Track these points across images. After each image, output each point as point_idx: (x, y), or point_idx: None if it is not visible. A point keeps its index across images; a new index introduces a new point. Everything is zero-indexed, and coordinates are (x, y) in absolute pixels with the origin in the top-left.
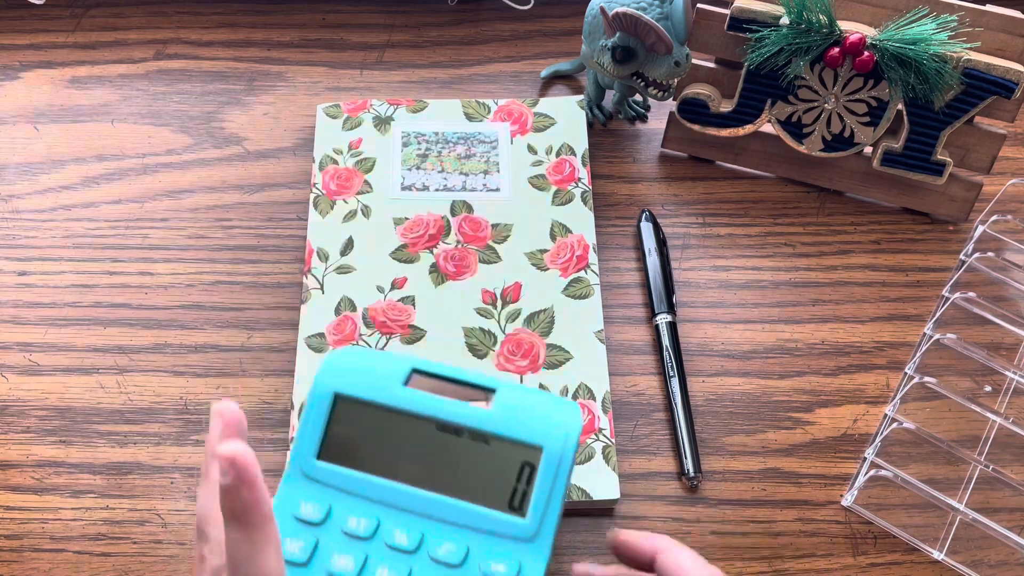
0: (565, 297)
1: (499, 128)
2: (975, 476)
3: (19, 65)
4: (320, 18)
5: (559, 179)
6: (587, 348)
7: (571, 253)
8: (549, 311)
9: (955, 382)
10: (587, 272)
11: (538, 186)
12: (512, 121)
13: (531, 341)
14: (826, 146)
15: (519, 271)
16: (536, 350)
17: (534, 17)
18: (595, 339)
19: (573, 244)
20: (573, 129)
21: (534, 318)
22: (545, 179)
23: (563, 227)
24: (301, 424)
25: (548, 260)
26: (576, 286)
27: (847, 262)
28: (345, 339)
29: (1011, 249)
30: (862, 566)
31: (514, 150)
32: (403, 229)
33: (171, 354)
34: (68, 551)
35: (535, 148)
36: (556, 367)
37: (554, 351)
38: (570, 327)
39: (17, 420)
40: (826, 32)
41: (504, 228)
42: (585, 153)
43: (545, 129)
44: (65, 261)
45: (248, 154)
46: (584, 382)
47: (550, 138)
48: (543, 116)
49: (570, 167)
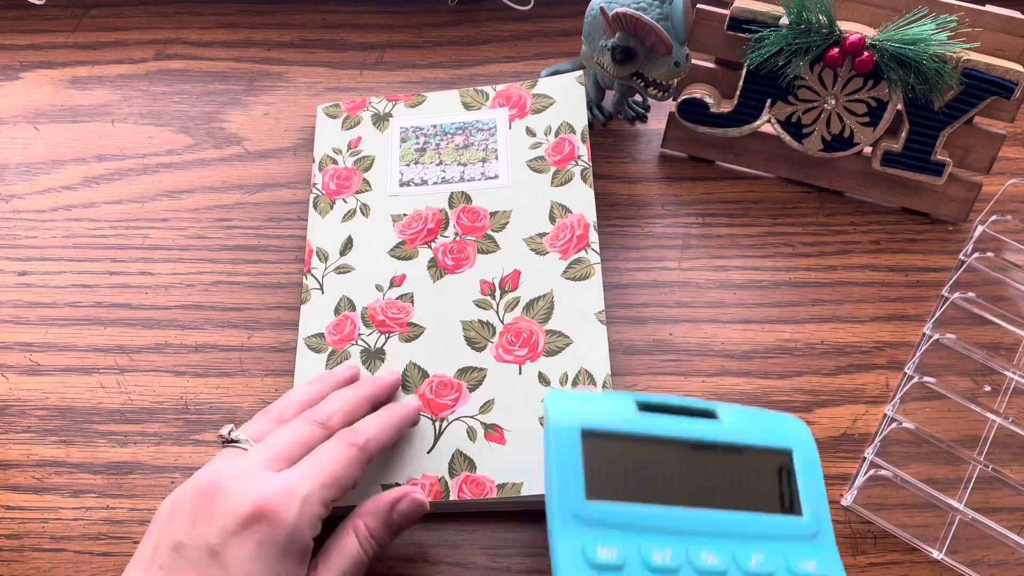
0: (565, 280)
1: (497, 114)
2: (975, 476)
3: (19, 65)
4: (320, 18)
5: (558, 159)
6: (587, 331)
7: (571, 233)
8: (548, 296)
9: (955, 382)
10: (587, 252)
11: (537, 169)
12: (511, 105)
13: (530, 329)
14: (826, 146)
15: (518, 258)
16: (535, 338)
17: (534, 17)
18: (596, 321)
19: (573, 224)
20: (572, 106)
21: (533, 305)
22: (544, 160)
23: (562, 207)
24: (555, 470)
25: (547, 243)
26: (576, 267)
27: (847, 262)
28: (344, 339)
29: (1010, 249)
30: (862, 566)
31: (512, 135)
32: (401, 226)
33: (171, 354)
34: (68, 551)
35: (533, 130)
36: (556, 353)
37: (554, 337)
38: (570, 311)
39: (18, 420)
40: (826, 32)
41: (503, 215)
42: (585, 130)
43: (543, 110)
44: (65, 261)
45: (248, 154)
46: (584, 367)
47: (549, 118)
48: (542, 96)
49: (569, 145)
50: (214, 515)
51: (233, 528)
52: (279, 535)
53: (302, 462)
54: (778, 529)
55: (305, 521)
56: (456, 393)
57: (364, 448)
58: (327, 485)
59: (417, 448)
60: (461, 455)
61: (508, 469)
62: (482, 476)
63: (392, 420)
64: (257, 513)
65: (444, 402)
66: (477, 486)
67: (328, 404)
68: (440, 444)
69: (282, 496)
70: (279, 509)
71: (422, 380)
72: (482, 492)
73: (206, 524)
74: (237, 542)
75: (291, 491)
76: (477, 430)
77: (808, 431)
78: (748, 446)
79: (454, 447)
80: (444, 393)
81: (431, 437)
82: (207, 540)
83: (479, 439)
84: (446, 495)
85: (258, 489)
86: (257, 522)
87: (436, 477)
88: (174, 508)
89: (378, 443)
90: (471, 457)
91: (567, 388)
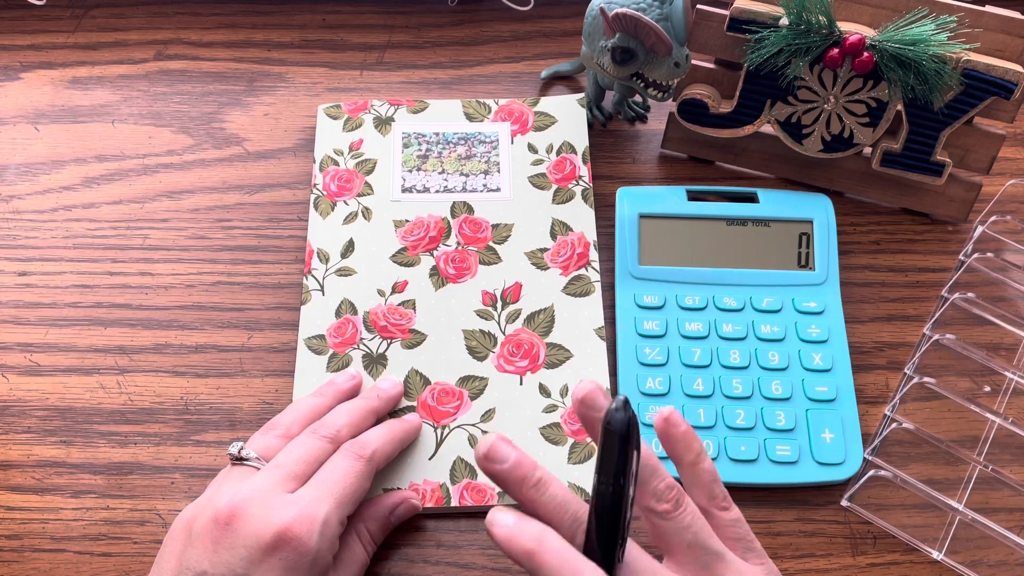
0: (565, 296)
1: (499, 128)
2: (974, 476)
3: (19, 65)
4: (320, 19)
5: (559, 177)
6: (587, 346)
7: (572, 251)
8: (549, 310)
9: (954, 382)
10: (587, 269)
11: (539, 185)
12: (513, 121)
13: (531, 341)
14: (825, 147)
15: (519, 271)
16: (536, 350)
17: (534, 18)
18: (595, 336)
19: (574, 242)
20: (573, 127)
21: (534, 318)
22: (545, 178)
23: (564, 225)
24: (618, 244)
25: (548, 259)
26: (576, 284)
27: (847, 262)
28: (346, 342)
29: (1010, 249)
30: (861, 566)
31: (514, 149)
32: (403, 232)
33: (171, 354)
34: (68, 551)
35: (535, 147)
36: (556, 366)
37: (554, 350)
38: (570, 325)
39: (18, 420)
40: (825, 33)
41: (504, 228)
42: (586, 151)
43: (545, 128)
44: (65, 261)
45: (248, 155)
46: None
47: (550, 137)
48: (543, 115)
49: (571, 165)
50: (236, 543)
51: (258, 556)
52: (304, 560)
53: (314, 479)
54: (792, 279)
55: (326, 543)
56: (458, 401)
57: (371, 460)
58: (342, 503)
59: (419, 454)
60: (462, 462)
61: None
62: (483, 483)
63: (396, 433)
64: (280, 540)
65: (446, 409)
66: (478, 493)
67: (335, 418)
68: (442, 451)
69: (303, 521)
70: (301, 535)
71: (424, 387)
72: (483, 499)
73: (230, 553)
74: (263, 570)
75: (311, 516)
76: (478, 438)
77: (830, 202)
78: (776, 219)
79: (455, 454)
80: (446, 401)
81: (433, 444)
82: (233, 569)
83: None
84: (447, 501)
85: (278, 515)
86: (281, 548)
87: (438, 483)
88: (191, 533)
89: (384, 455)
90: (472, 464)
91: None
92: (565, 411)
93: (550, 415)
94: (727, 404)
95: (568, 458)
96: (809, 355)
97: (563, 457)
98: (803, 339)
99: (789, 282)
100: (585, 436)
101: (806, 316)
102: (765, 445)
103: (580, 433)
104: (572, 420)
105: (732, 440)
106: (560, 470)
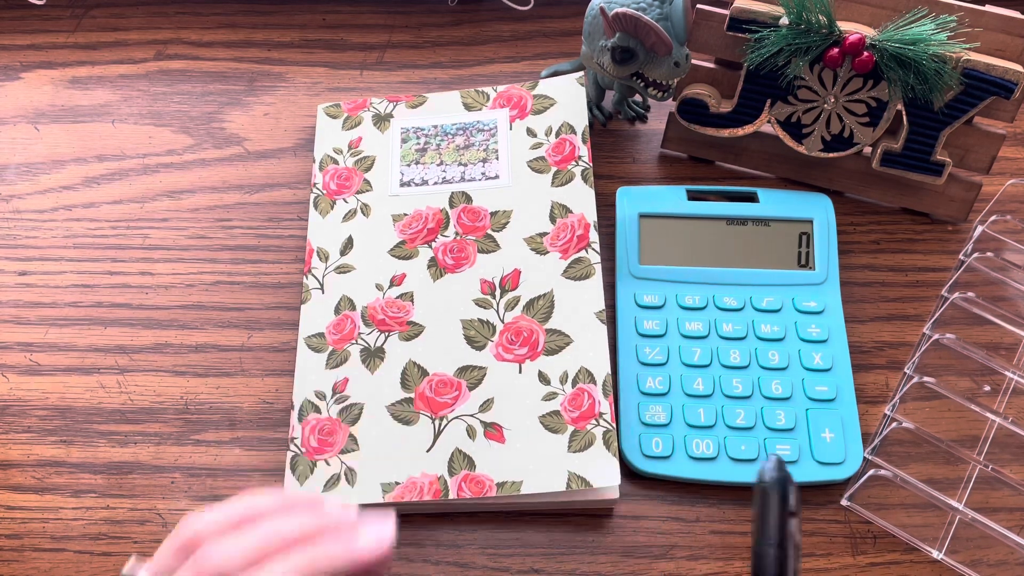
0: (565, 280)
1: (498, 115)
2: (974, 476)
3: (20, 65)
4: (320, 18)
5: (559, 159)
6: (588, 330)
7: (571, 233)
8: (548, 296)
9: (954, 382)
10: (588, 251)
11: (538, 169)
12: (511, 106)
13: (530, 328)
14: (825, 146)
15: (518, 258)
16: (535, 336)
17: (534, 18)
18: (596, 320)
19: (573, 224)
20: (572, 107)
21: (533, 304)
22: (544, 161)
23: (563, 207)
24: (618, 243)
25: (547, 243)
26: (577, 267)
27: (847, 262)
28: (344, 338)
29: (1010, 249)
30: (861, 566)
31: (513, 135)
32: (402, 225)
33: (172, 354)
34: (69, 551)
35: (534, 131)
36: (556, 352)
37: (554, 336)
38: (570, 310)
39: (18, 420)
40: (825, 32)
41: (503, 215)
42: (585, 130)
43: (544, 111)
44: (66, 261)
45: (248, 154)
46: (584, 366)
47: (549, 119)
48: (543, 97)
49: (570, 146)
50: None
51: None
52: None
53: None
54: (792, 279)
55: None
56: (456, 392)
57: None
58: None
59: (416, 447)
60: (460, 454)
61: (508, 468)
62: (481, 475)
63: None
64: None
65: (444, 400)
66: (476, 484)
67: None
68: (439, 442)
69: None
70: None
71: (422, 378)
72: (481, 491)
73: None
74: None
75: None
76: (477, 429)
77: (830, 202)
78: (776, 218)
79: (453, 445)
80: (444, 391)
81: (430, 435)
82: None
83: (479, 438)
84: (445, 494)
85: None
86: None
87: (435, 475)
88: None
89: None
90: (470, 455)
91: None
92: (565, 398)
93: (550, 403)
94: (727, 403)
95: (568, 446)
96: (809, 355)
97: (563, 445)
98: (803, 339)
99: (789, 282)
100: (585, 424)
101: (806, 316)
102: (765, 444)
103: (579, 420)
104: (572, 407)
105: (732, 439)
106: (560, 459)
